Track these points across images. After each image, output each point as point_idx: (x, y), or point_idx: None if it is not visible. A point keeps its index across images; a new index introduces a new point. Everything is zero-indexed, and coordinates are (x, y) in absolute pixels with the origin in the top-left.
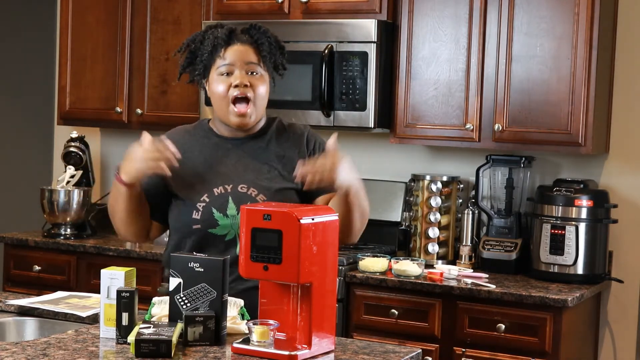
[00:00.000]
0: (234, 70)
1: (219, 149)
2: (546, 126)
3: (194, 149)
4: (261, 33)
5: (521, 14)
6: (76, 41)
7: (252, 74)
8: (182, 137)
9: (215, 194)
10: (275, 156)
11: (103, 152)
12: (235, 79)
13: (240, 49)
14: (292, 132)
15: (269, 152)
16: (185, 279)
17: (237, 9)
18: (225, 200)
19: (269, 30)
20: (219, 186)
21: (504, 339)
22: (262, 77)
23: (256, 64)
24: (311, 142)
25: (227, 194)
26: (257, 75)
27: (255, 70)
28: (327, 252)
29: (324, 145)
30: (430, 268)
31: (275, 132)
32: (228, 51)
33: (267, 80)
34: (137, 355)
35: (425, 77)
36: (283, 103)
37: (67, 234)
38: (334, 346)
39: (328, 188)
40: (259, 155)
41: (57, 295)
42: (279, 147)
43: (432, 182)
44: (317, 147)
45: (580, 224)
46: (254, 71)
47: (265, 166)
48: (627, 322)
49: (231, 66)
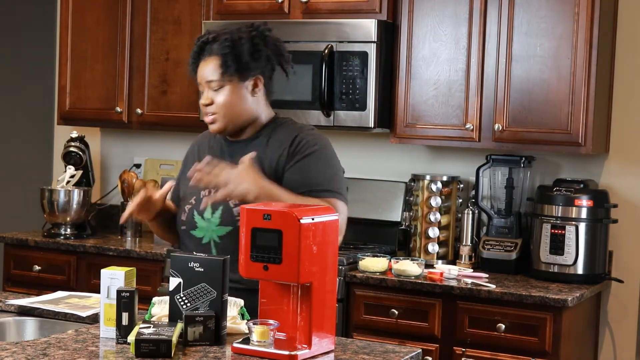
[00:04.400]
0: (203, 89)
1: (218, 152)
2: (546, 126)
3: (204, 152)
4: (221, 43)
5: (521, 14)
6: (76, 41)
7: (216, 90)
8: (204, 139)
9: (201, 196)
10: (259, 159)
11: (103, 152)
12: (201, 99)
13: (205, 66)
14: (285, 133)
15: (255, 156)
16: (185, 279)
17: (237, 8)
18: (205, 204)
19: (230, 37)
20: (206, 189)
21: (504, 339)
22: (226, 89)
23: (217, 80)
24: (294, 144)
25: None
26: (221, 88)
27: (218, 85)
28: (327, 252)
29: (307, 148)
30: (430, 268)
31: (269, 135)
32: (198, 70)
33: (237, 87)
34: (137, 355)
35: (425, 77)
36: (283, 103)
37: (67, 234)
38: (334, 346)
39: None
40: (242, 157)
41: (57, 295)
42: (267, 150)
43: (432, 182)
44: (297, 151)
45: (580, 224)
46: (217, 87)
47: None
48: (627, 322)
49: (200, 85)
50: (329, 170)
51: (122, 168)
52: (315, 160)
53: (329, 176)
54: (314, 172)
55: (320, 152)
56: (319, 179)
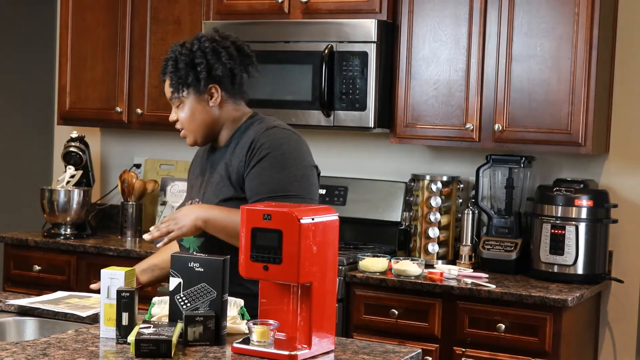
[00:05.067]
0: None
1: (205, 161)
2: (546, 126)
3: (196, 161)
4: (165, 63)
5: (521, 14)
6: (76, 41)
7: (178, 106)
8: (201, 149)
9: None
10: (225, 167)
11: (103, 152)
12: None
13: (165, 85)
14: (246, 137)
15: (222, 164)
16: (185, 279)
17: (237, 8)
18: None
19: (173, 56)
20: (192, 199)
21: (504, 339)
22: (184, 104)
23: (174, 97)
24: (251, 149)
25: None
26: (180, 104)
27: (177, 102)
28: (327, 252)
29: (260, 152)
30: (430, 268)
31: (237, 141)
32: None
33: (194, 101)
34: (137, 355)
35: (425, 77)
36: (283, 103)
37: (67, 234)
38: (334, 346)
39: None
40: (217, 166)
41: (57, 295)
42: (232, 157)
43: (432, 182)
44: (253, 156)
45: (580, 224)
46: (177, 104)
47: (217, 177)
48: (627, 322)
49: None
50: (284, 172)
51: (122, 168)
52: (268, 164)
53: (285, 179)
54: (267, 178)
55: (272, 155)
56: (274, 184)
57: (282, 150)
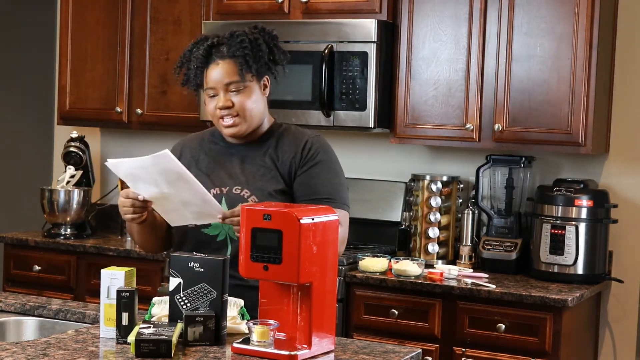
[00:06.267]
0: (218, 92)
1: (223, 154)
2: (546, 126)
3: (202, 154)
4: (237, 44)
5: (521, 14)
6: (76, 41)
7: (235, 92)
8: (193, 142)
9: (212, 194)
10: (271, 160)
11: (103, 152)
12: (219, 101)
13: (219, 69)
14: (293, 137)
15: (267, 157)
16: (185, 279)
17: (237, 9)
18: (218, 201)
19: (246, 38)
20: (216, 187)
21: (504, 339)
22: (246, 90)
23: (237, 81)
24: (306, 150)
25: (221, 194)
26: (241, 89)
27: (238, 87)
28: (327, 252)
29: (317, 155)
30: (430, 268)
31: (277, 138)
32: (209, 74)
33: (255, 87)
34: (137, 355)
35: (425, 77)
36: (283, 103)
37: (67, 234)
38: (334, 346)
39: None
40: (258, 159)
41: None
42: (278, 152)
43: (432, 182)
44: (309, 157)
45: (580, 224)
46: (236, 89)
47: (261, 169)
48: (627, 322)
49: (214, 89)
50: (335, 179)
51: None
52: (324, 169)
53: (336, 186)
54: (321, 181)
55: (328, 161)
56: (326, 187)
57: (334, 157)
